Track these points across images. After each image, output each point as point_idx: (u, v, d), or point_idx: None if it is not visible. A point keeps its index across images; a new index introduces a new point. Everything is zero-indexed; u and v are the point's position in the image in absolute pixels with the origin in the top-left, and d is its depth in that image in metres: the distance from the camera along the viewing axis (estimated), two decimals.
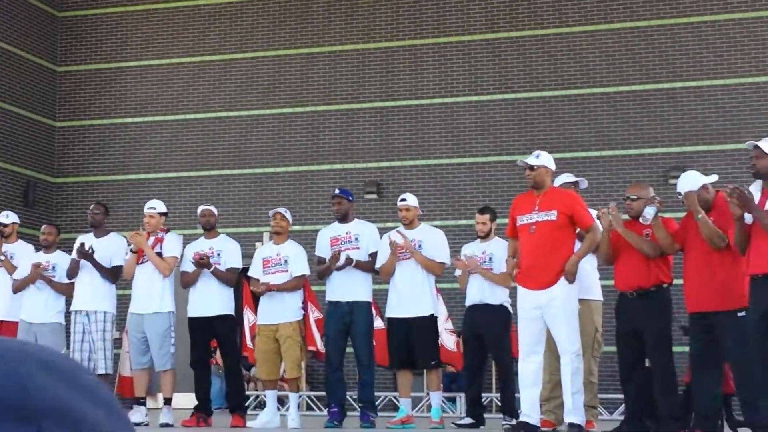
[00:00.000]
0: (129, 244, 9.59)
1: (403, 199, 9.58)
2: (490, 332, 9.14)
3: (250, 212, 15.72)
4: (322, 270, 9.49)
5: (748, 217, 6.73)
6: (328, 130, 15.82)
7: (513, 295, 8.56)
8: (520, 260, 7.92)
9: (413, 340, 9.18)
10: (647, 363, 7.98)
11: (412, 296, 9.21)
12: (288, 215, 9.68)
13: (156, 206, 9.83)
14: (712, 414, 7.35)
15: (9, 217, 10.65)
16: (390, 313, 9.41)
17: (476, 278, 9.17)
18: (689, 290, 7.41)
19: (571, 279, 7.63)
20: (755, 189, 6.85)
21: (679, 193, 7.52)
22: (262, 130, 16.13)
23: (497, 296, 9.22)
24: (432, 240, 9.41)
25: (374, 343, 9.74)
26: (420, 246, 9.32)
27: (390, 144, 15.54)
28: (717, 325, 7.19)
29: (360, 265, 9.38)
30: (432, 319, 9.30)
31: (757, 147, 6.78)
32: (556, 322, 7.75)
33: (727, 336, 7.11)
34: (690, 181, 7.48)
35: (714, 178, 7.69)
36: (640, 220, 7.67)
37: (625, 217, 8.01)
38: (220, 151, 16.23)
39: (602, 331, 8.72)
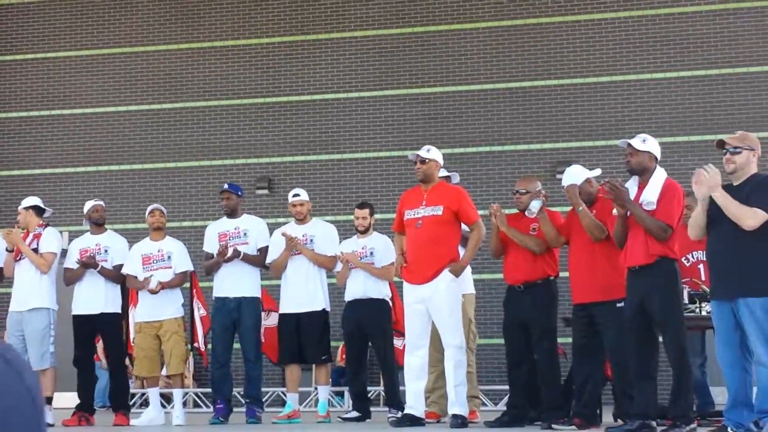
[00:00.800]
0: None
1: (297, 194, 9.58)
2: (373, 326, 9.18)
3: (139, 208, 15.46)
4: (210, 265, 9.43)
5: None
6: (219, 125, 15.66)
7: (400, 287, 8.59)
8: (406, 254, 7.99)
9: (304, 335, 9.19)
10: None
11: (304, 291, 9.21)
12: (164, 211, 9.67)
13: (25, 203, 9.64)
14: (591, 403, 7.49)
15: None
16: (282, 308, 9.40)
17: (357, 273, 9.20)
18: (573, 282, 7.54)
19: (456, 276, 7.86)
20: (632, 183, 7.00)
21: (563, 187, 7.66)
22: (151, 125, 15.88)
23: (380, 290, 9.27)
24: (324, 234, 9.43)
25: (263, 340, 9.72)
26: (312, 241, 9.33)
27: (282, 140, 15.45)
28: (598, 315, 7.33)
29: (248, 259, 9.35)
30: (323, 314, 9.31)
31: (630, 145, 6.95)
32: (439, 316, 7.85)
33: (606, 327, 7.26)
34: (573, 175, 7.62)
35: (597, 172, 7.85)
36: (526, 213, 7.80)
37: (515, 210, 8.11)
38: (108, 146, 15.92)
39: (475, 323, 8.91)
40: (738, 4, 14.48)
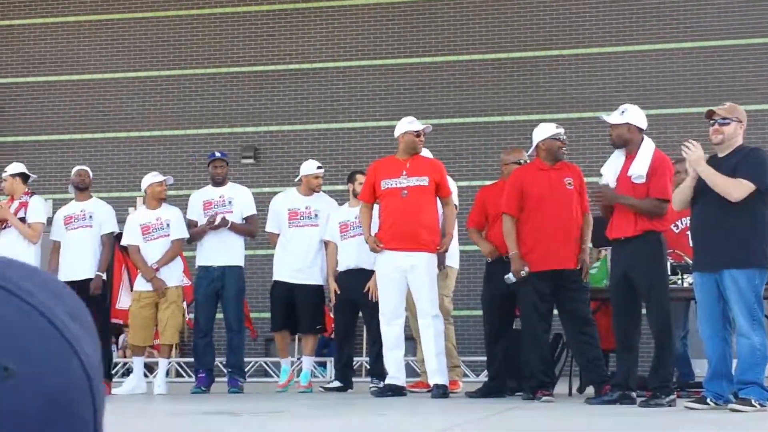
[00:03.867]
0: None
1: (320, 167, 9.56)
2: (365, 296, 9.14)
3: (123, 176, 15.38)
4: (196, 233, 9.40)
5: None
6: (206, 93, 15.57)
7: None
8: (384, 223, 7.97)
9: (300, 306, 9.17)
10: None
11: (303, 263, 9.18)
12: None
13: (9, 169, 9.56)
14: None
15: None
16: (276, 275, 9.36)
17: (350, 243, 9.15)
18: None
19: (444, 252, 7.97)
20: (617, 156, 6.99)
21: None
22: (137, 92, 15.78)
23: (372, 260, 9.22)
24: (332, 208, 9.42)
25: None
26: (317, 215, 9.29)
27: (268, 109, 15.37)
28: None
29: (236, 229, 9.33)
30: (320, 288, 9.33)
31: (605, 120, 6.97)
32: (420, 286, 7.85)
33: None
34: (543, 130, 7.70)
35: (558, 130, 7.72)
36: (505, 279, 7.60)
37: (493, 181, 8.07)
38: (93, 113, 15.82)
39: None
40: None
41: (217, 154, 9.79)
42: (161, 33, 15.79)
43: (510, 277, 7.41)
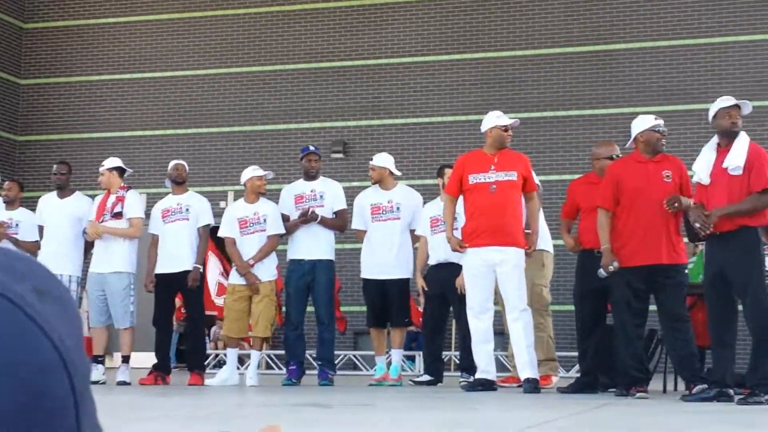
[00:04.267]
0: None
1: (371, 159, 9.62)
2: (455, 290, 9.11)
3: (215, 171, 15.60)
4: (288, 227, 9.47)
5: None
6: (296, 88, 15.69)
7: None
8: (471, 218, 7.92)
9: (390, 300, 9.20)
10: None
11: (390, 258, 9.21)
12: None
13: (106, 163, 9.74)
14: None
15: None
16: (365, 273, 9.40)
17: (440, 237, 9.14)
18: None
19: (533, 248, 7.91)
20: (710, 148, 6.83)
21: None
22: (228, 88, 15.98)
23: (461, 254, 9.18)
24: (415, 203, 9.44)
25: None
26: (399, 208, 9.31)
27: (358, 103, 15.43)
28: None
29: (327, 223, 9.37)
30: (407, 281, 9.34)
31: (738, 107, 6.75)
32: (508, 281, 7.80)
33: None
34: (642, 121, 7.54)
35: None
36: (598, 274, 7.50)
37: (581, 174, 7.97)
38: (186, 109, 16.08)
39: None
40: None
41: (311, 148, 9.82)
42: (254, 30, 15.96)
43: (601, 271, 7.32)
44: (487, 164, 7.91)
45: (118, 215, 9.37)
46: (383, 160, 9.59)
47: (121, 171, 9.74)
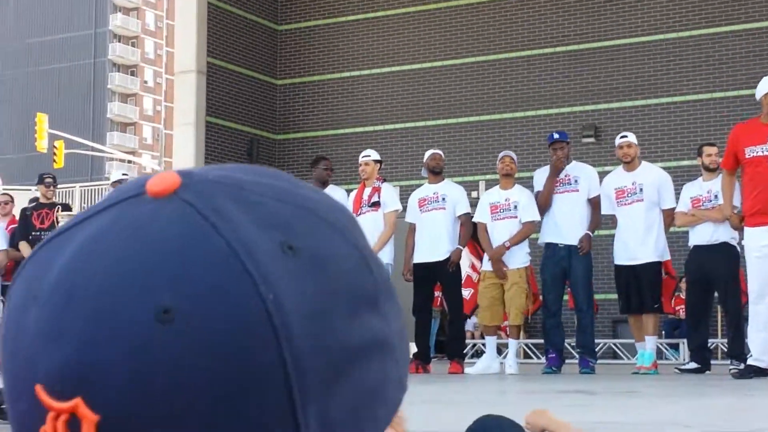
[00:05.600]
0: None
1: (624, 136, 9.35)
2: (718, 274, 8.69)
3: (466, 161, 15.67)
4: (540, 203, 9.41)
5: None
6: (545, 74, 15.51)
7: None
8: (749, 195, 7.46)
9: (643, 285, 8.90)
10: None
11: (641, 242, 8.93)
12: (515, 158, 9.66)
13: (371, 154, 9.99)
14: None
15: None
16: (618, 260, 9.16)
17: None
18: None
19: None
20: None
21: None
22: (476, 77, 16.01)
23: (729, 234, 8.72)
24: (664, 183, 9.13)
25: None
26: (641, 189, 9.04)
27: (608, 85, 15.07)
28: None
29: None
30: (658, 264, 8.97)
31: None
32: None
33: None
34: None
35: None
36: None
37: None
38: (436, 100, 16.24)
39: None
40: None
41: (556, 136, 9.66)
42: (502, 17, 15.91)
43: None
44: (765, 135, 7.40)
45: (375, 205, 9.56)
46: (634, 137, 9.39)
47: (379, 163, 9.99)
